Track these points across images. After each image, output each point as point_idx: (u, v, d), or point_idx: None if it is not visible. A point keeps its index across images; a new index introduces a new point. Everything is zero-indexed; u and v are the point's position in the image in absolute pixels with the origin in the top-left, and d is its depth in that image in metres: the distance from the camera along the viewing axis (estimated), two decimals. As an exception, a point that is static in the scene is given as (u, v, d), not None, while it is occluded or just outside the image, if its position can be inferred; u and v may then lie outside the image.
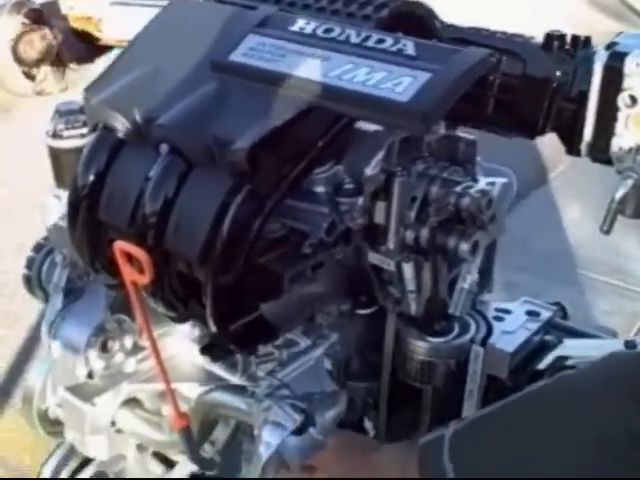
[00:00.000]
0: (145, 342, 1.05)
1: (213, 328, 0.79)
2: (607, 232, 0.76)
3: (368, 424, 1.03)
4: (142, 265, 0.73)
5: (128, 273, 0.76)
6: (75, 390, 1.01)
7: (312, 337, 0.92)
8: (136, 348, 1.04)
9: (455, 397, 0.92)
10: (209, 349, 0.86)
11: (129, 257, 0.75)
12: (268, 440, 0.81)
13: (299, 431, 0.82)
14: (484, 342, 0.90)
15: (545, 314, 0.96)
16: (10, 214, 2.93)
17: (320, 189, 0.81)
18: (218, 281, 0.78)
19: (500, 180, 0.90)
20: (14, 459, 2.10)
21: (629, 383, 0.67)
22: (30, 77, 1.37)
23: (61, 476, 1.10)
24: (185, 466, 1.03)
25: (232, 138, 0.75)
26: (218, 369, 0.98)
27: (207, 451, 1.00)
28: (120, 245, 0.74)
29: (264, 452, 0.80)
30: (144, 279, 0.74)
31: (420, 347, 0.90)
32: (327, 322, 0.93)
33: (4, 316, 2.54)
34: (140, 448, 1.08)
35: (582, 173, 3.08)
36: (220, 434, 1.00)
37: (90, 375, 1.00)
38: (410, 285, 0.87)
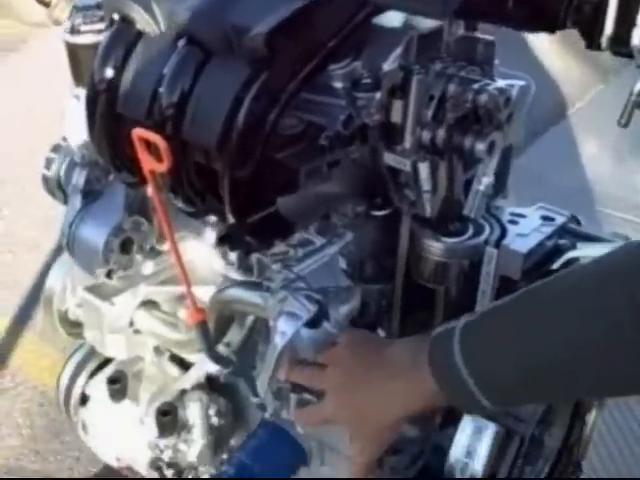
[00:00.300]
0: (162, 247, 1.06)
1: (231, 219, 0.80)
2: (625, 125, 0.76)
3: (381, 332, 1.04)
4: (160, 153, 0.74)
5: (147, 161, 0.76)
6: (94, 290, 1.02)
7: (327, 236, 0.92)
8: (153, 251, 1.06)
9: (468, 298, 0.92)
10: (226, 240, 0.87)
11: (148, 145, 0.76)
12: (283, 329, 0.82)
13: (313, 324, 0.83)
14: (498, 243, 0.90)
15: (559, 219, 0.96)
16: (27, 142, 2.93)
17: (338, 84, 0.81)
18: (235, 174, 0.79)
19: (519, 82, 0.89)
20: (35, 379, 2.15)
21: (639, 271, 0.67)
22: (43, 3, 1.36)
23: (80, 377, 1.13)
24: (201, 366, 1.05)
25: (250, 25, 0.75)
26: (234, 273, 1.00)
27: (222, 352, 1.02)
28: (138, 132, 0.75)
29: (279, 341, 0.82)
30: (162, 167, 0.74)
31: (434, 247, 0.90)
32: (342, 222, 0.94)
33: (23, 242, 2.58)
34: (157, 351, 1.11)
35: (600, 110, 3.04)
36: (235, 335, 1.02)
37: (109, 275, 1.02)
38: (425, 185, 0.87)
